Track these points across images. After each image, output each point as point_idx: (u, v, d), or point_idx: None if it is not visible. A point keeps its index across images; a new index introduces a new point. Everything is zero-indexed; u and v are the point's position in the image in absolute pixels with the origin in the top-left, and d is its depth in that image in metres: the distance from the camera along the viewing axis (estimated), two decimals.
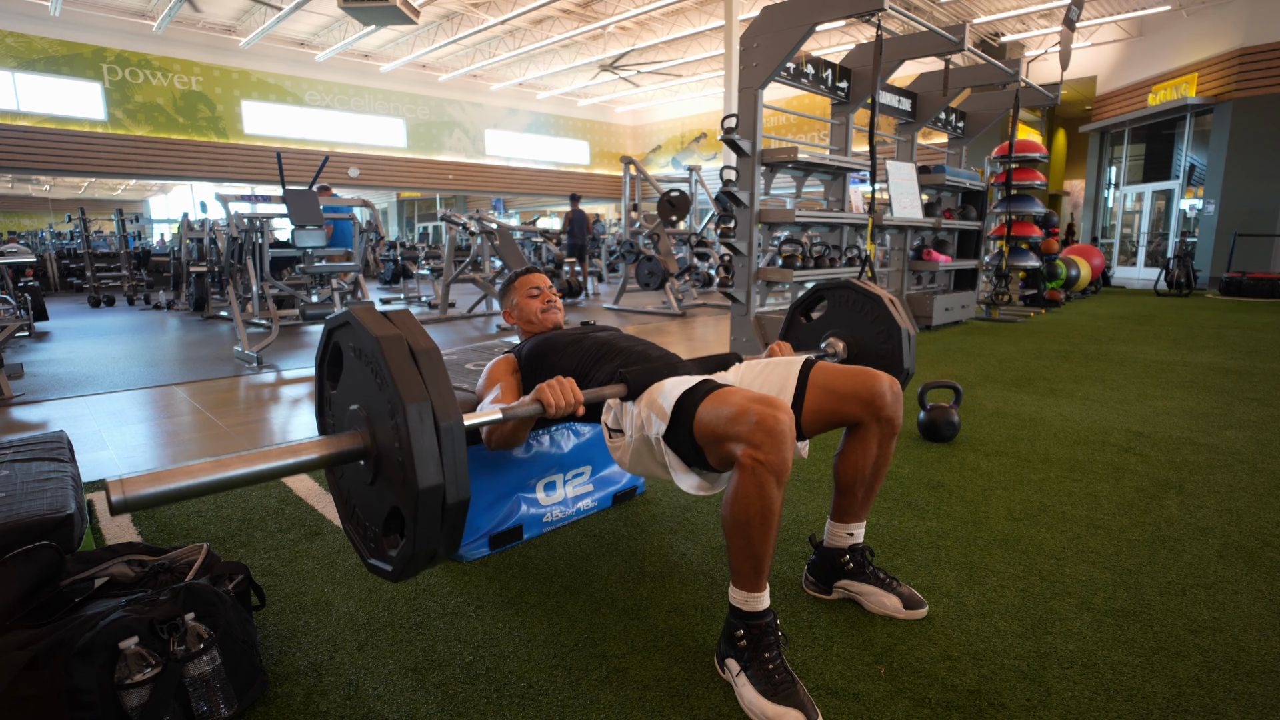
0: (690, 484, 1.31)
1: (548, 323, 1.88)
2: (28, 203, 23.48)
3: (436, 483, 0.93)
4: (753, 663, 1.21)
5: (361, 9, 8.37)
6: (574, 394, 1.27)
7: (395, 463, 0.97)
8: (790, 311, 2.06)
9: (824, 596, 1.57)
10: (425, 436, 0.92)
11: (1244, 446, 2.67)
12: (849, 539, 1.54)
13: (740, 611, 1.25)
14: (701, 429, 1.25)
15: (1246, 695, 1.24)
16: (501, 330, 6.22)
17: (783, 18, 4.14)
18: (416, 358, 0.97)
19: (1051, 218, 7.94)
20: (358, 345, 1.03)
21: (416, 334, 1.00)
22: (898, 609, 1.48)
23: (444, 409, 0.94)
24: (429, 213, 24.15)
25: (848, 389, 1.45)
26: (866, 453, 1.47)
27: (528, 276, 1.93)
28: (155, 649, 1.12)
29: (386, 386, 0.95)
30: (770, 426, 1.16)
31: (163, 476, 0.89)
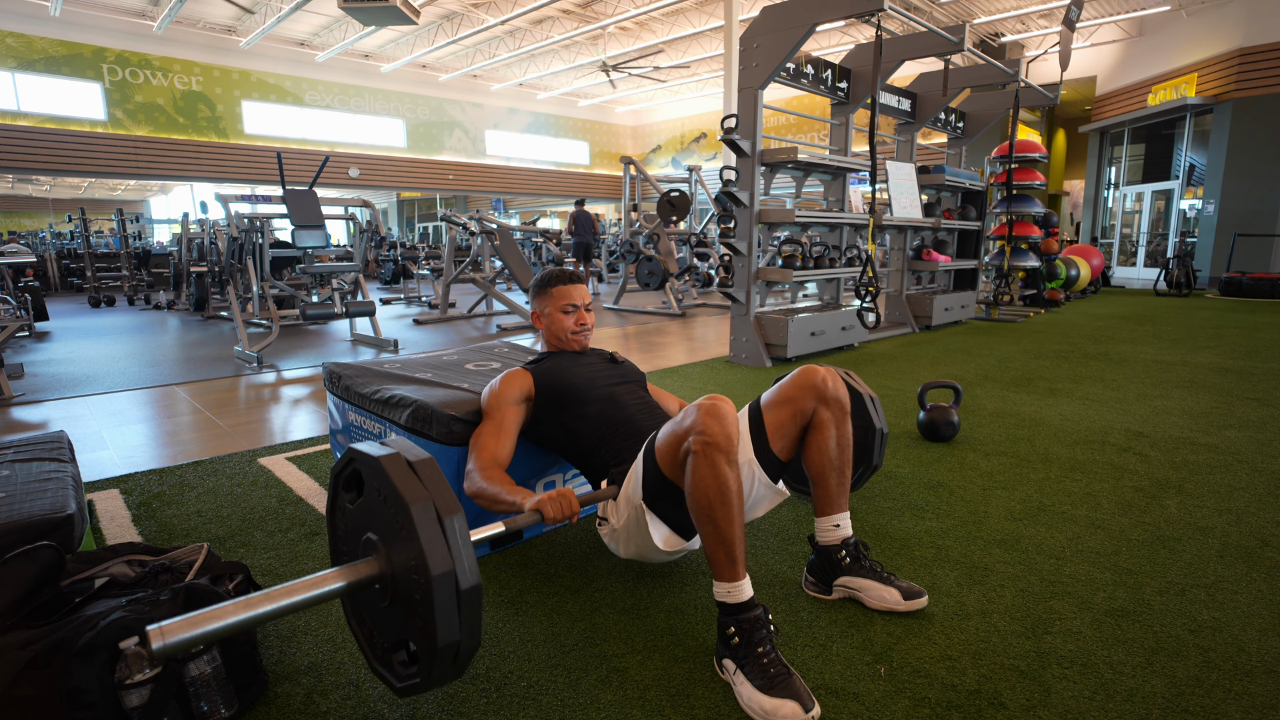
0: (661, 535, 1.40)
1: (575, 345, 1.86)
2: (28, 203, 23.49)
3: (454, 640, 1.02)
4: (747, 658, 1.23)
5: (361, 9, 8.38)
6: (572, 506, 1.35)
7: (413, 607, 1.04)
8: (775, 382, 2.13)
9: (825, 597, 1.57)
10: (448, 601, 1.01)
11: (1244, 446, 2.67)
12: (838, 531, 1.55)
13: (727, 606, 1.27)
14: (661, 452, 1.36)
15: (1246, 695, 1.24)
16: (502, 330, 6.22)
17: (783, 18, 4.14)
18: (443, 523, 1.04)
19: (1051, 218, 7.94)
20: (384, 491, 1.09)
21: (443, 495, 1.07)
22: (898, 601, 1.49)
23: (465, 574, 1.02)
24: (429, 213, 24.16)
25: (791, 389, 1.56)
26: (825, 436, 1.54)
27: (567, 289, 1.85)
28: None
29: (411, 545, 1.02)
30: (710, 409, 1.27)
31: (197, 621, 0.96)
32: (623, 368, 1.86)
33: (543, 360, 1.82)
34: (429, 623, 1.00)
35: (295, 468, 2.52)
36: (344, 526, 1.24)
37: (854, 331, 5.09)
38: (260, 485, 2.34)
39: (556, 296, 1.85)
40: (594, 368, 1.80)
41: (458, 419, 1.75)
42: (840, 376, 1.58)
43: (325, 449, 2.73)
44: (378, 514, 1.11)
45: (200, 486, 2.34)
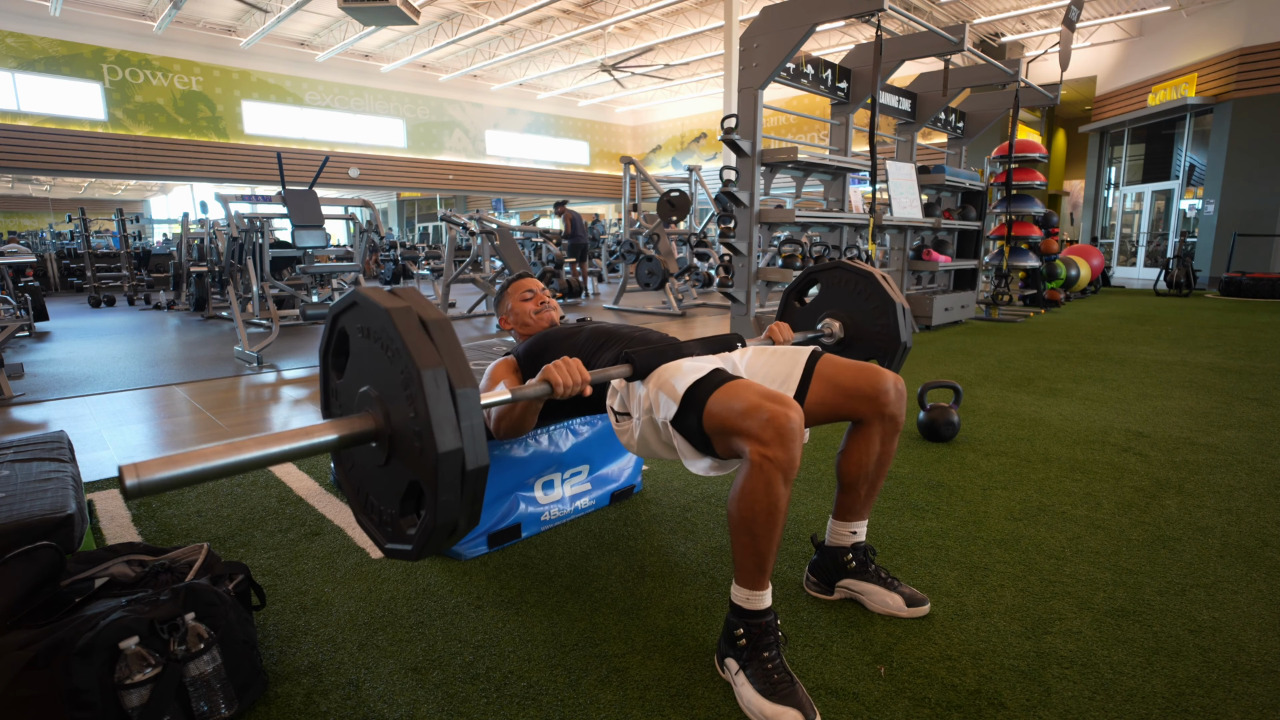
0: (701, 467, 1.32)
1: (543, 321, 1.89)
2: (28, 203, 23.48)
3: (455, 446, 0.92)
4: (751, 662, 1.21)
5: (361, 9, 8.38)
6: (581, 373, 1.27)
7: (411, 435, 0.96)
8: (785, 296, 2.05)
9: (826, 597, 1.57)
10: (442, 402, 0.92)
11: (1244, 446, 2.67)
12: (852, 537, 1.54)
13: (741, 610, 1.25)
14: (711, 420, 1.25)
15: (1246, 695, 1.24)
16: (501, 330, 6.22)
17: (783, 18, 4.14)
18: (428, 328, 0.97)
19: (1051, 218, 7.94)
20: (366, 325, 1.03)
21: (425, 306, 1.00)
22: (900, 607, 1.48)
23: (459, 376, 0.94)
24: (429, 213, 24.15)
25: (852, 385, 1.45)
26: (870, 450, 1.47)
27: (520, 281, 1.96)
28: (155, 649, 1.12)
29: (399, 358, 0.95)
30: (781, 425, 1.16)
31: (176, 460, 0.88)
32: (599, 323, 1.80)
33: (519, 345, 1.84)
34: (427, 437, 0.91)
35: (295, 468, 2.52)
36: (339, 406, 1.16)
37: None
38: (260, 485, 2.34)
39: (512, 292, 1.94)
40: (568, 325, 1.80)
41: None
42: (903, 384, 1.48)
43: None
44: (380, 367, 1.02)
45: (200, 486, 2.34)
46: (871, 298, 1.84)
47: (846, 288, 1.89)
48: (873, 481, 1.51)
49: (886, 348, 1.83)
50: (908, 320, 1.82)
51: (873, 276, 1.84)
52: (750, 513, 1.19)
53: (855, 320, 1.88)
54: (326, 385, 1.18)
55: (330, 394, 1.18)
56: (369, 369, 1.05)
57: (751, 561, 1.23)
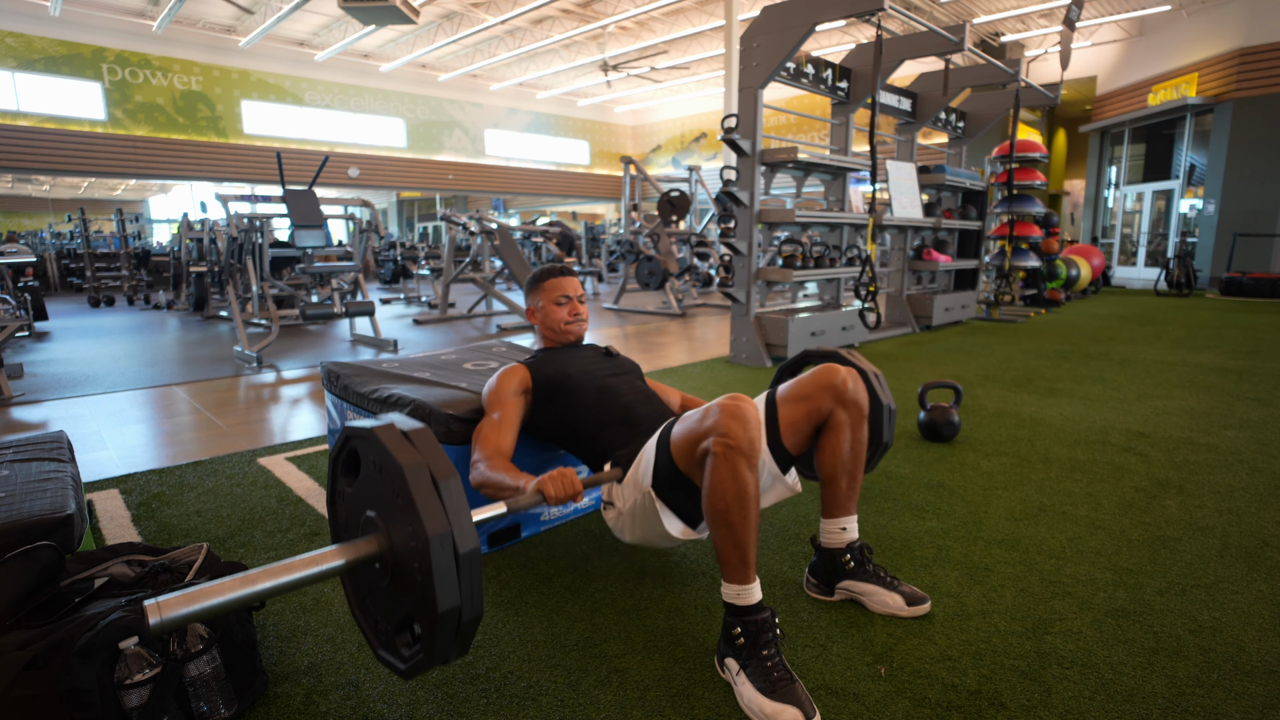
0: (676, 528, 1.39)
1: (570, 336, 1.87)
2: (28, 203, 23.47)
3: (454, 605, 0.99)
4: (751, 660, 1.22)
5: (361, 9, 8.37)
6: (574, 486, 1.33)
7: (413, 578, 1.01)
8: (777, 373, 2.13)
9: (826, 599, 1.56)
10: (445, 564, 0.98)
11: (1244, 446, 2.67)
12: (842, 534, 1.54)
13: (735, 607, 1.26)
14: (677, 446, 1.35)
15: (1246, 695, 1.24)
16: (501, 330, 6.22)
17: (783, 18, 4.14)
18: (438, 486, 1.02)
19: (1052, 217, 7.94)
20: (380, 462, 1.06)
21: (438, 460, 1.05)
22: (900, 607, 1.48)
23: (463, 537, 1.00)
24: (429, 213, 24.14)
25: (810, 387, 1.55)
26: (840, 440, 1.53)
27: (559, 280, 1.87)
28: (155, 649, 1.12)
29: (408, 511, 1.00)
30: (733, 411, 1.25)
31: (194, 597, 0.94)
32: (617, 360, 1.87)
33: (538, 355, 1.83)
34: (428, 590, 0.98)
35: (295, 468, 2.52)
36: (344, 511, 1.21)
37: (854, 331, 5.09)
38: (260, 485, 2.34)
39: (549, 289, 1.86)
40: (589, 360, 1.81)
41: (456, 418, 1.76)
42: (860, 378, 1.57)
43: (325, 449, 2.73)
44: (376, 489, 1.09)
45: (200, 486, 2.34)
46: None
47: None
48: (851, 473, 1.53)
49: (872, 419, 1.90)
50: (893, 421, 1.94)
51: (867, 375, 1.91)
52: (723, 503, 1.23)
53: None
54: (335, 489, 1.23)
55: (338, 498, 1.23)
56: (376, 496, 1.09)
57: (734, 554, 1.25)
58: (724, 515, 1.24)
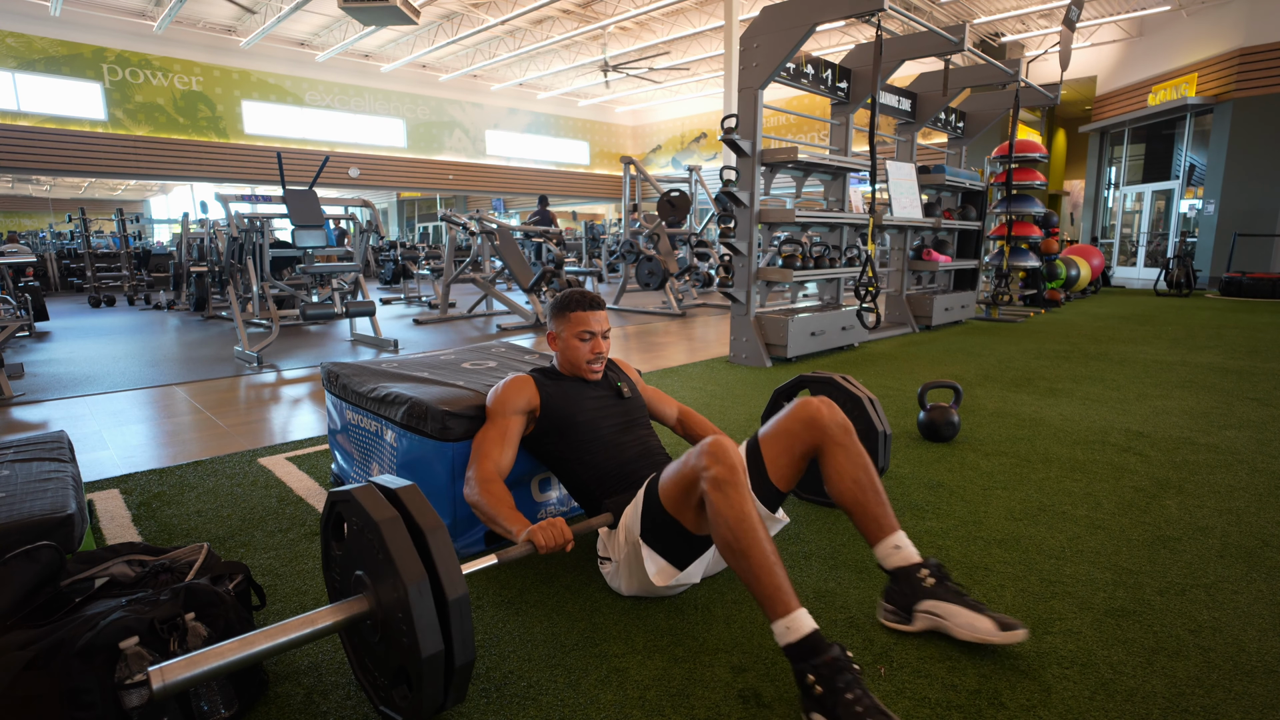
0: (654, 568, 1.43)
1: (588, 376, 1.79)
2: (28, 203, 23.48)
3: (438, 650, 1.02)
4: (837, 707, 1.09)
5: (361, 9, 8.37)
6: (564, 535, 1.38)
7: (399, 629, 1.05)
8: (774, 395, 2.15)
9: (905, 628, 1.42)
10: (425, 611, 1.01)
11: (1244, 446, 2.67)
12: (899, 553, 1.44)
13: (794, 649, 1.16)
14: (665, 490, 1.38)
15: (1246, 695, 1.24)
16: (501, 330, 6.22)
17: (783, 18, 4.14)
18: (424, 537, 1.07)
19: (1051, 218, 7.94)
20: (361, 523, 1.11)
21: (423, 512, 1.10)
22: (992, 632, 1.31)
23: (450, 583, 1.04)
24: (429, 213, 24.14)
25: (789, 424, 1.56)
26: (840, 460, 1.51)
27: (586, 315, 1.75)
28: (155, 649, 1.12)
29: (388, 565, 1.04)
30: (710, 449, 1.29)
31: (195, 661, 0.99)
32: (628, 404, 1.81)
33: (552, 379, 1.78)
34: (412, 638, 1.01)
35: (295, 468, 2.52)
36: (337, 574, 1.25)
37: (854, 331, 5.09)
38: (260, 485, 2.34)
39: (575, 322, 1.75)
40: (601, 402, 1.77)
41: (453, 414, 1.76)
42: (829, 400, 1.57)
43: (325, 449, 2.73)
44: (361, 550, 1.13)
45: (200, 486, 2.34)
46: (858, 420, 1.97)
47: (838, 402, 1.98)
48: (871, 488, 1.48)
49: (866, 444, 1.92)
50: (888, 447, 1.97)
51: (862, 401, 1.95)
52: (729, 532, 1.23)
53: None
54: (327, 554, 1.28)
55: (331, 562, 1.28)
56: (363, 555, 1.13)
57: (764, 582, 1.20)
58: (733, 544, 1.22)
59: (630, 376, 1.94)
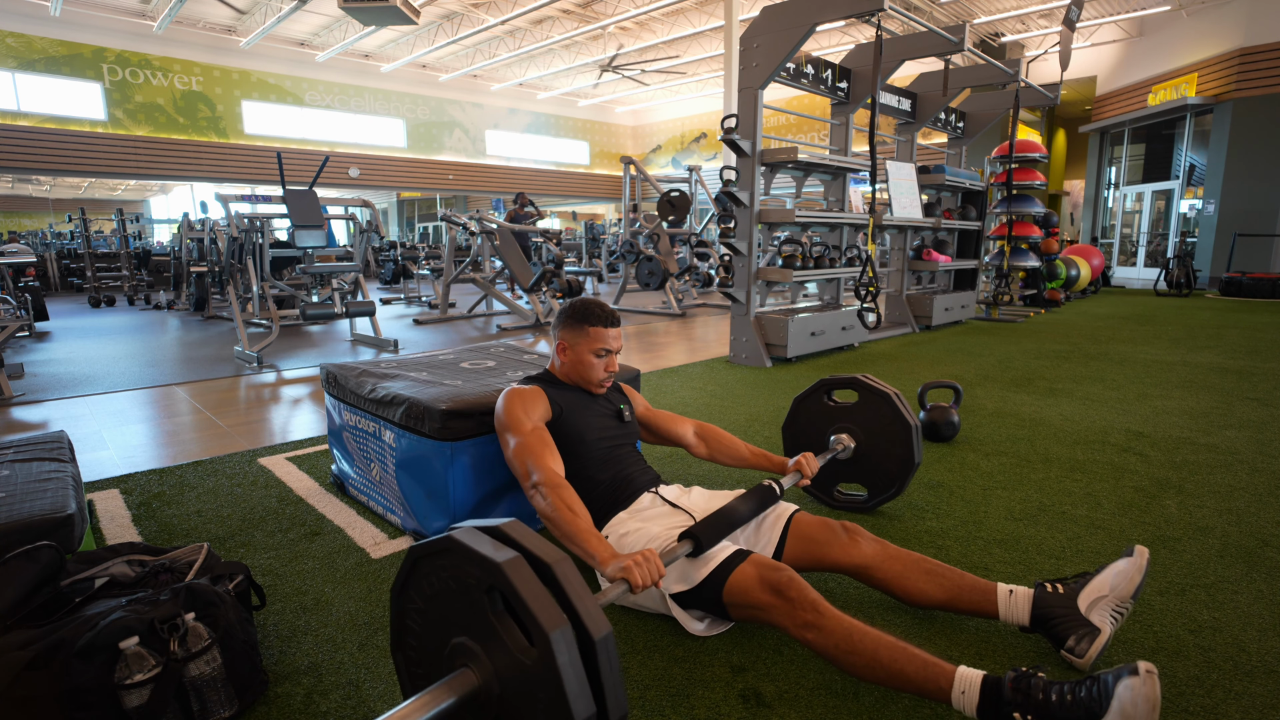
0: (699, 629, 1.41)
1: (596, 391, 1.73)
2: (28, 203, 23.47)
3: (591, 713, 0.82)
4: (1050, 713, 1.03)
5: (361, 9, 8.37)
6: (659, 570, 1.22)
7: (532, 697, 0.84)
8: (794, 403, 2.11)
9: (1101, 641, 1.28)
10: (573, 667, 0.81)
11: (1244, 446, 2.67)
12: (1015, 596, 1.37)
13: (980, 705, 1.08)
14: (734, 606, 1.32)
15: (1246, 695, 1.24)
16: (501, 330, 6.22)
17: (783, 18, 4.14)
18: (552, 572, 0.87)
19: (1051, 218, 7.94)
20: (462, 574, 0.90)
21: (538, 546, 0.90)
22: None
23: (593, 624, 0.85)
24: (429, 213, 24.14)
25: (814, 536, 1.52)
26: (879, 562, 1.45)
27: (604, 332, 1.66)
28: (156, 649, 1.12)
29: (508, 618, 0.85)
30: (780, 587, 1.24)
31: None
32: (627, 428, 1.77)
33: (556, 388, 1.70)
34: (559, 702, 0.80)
35: (295, 468, 2.52)
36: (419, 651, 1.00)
37: (854, 331, 5.09)
38: (260, 485, 2.34)
39: (592, 338, 1.66)
40: (605, 421, 1.71)
41: (452, 414, 1.75)
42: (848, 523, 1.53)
43: (325, 449, 2.73)
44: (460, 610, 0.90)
45: (200, 486, 2.34)
46: (886, 417, 1.93)
47: (862, 402, 1.98)
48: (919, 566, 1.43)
49: (898, 469, 1.93)
50: (920, 441, 1.91)
51: (889, 397, 1.91)
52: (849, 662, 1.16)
53: (869, 436, 1.97)
54: (403, 626, 1.03)
55: (407, 636, 1.03)
56: (463, 617, 0.91)
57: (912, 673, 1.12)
58: (862, 669, 1.15)
59: (633, 402, 1.90)
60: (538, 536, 0.93)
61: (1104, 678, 1.03)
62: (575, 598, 0.86)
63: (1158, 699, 0.99)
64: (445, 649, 0.93)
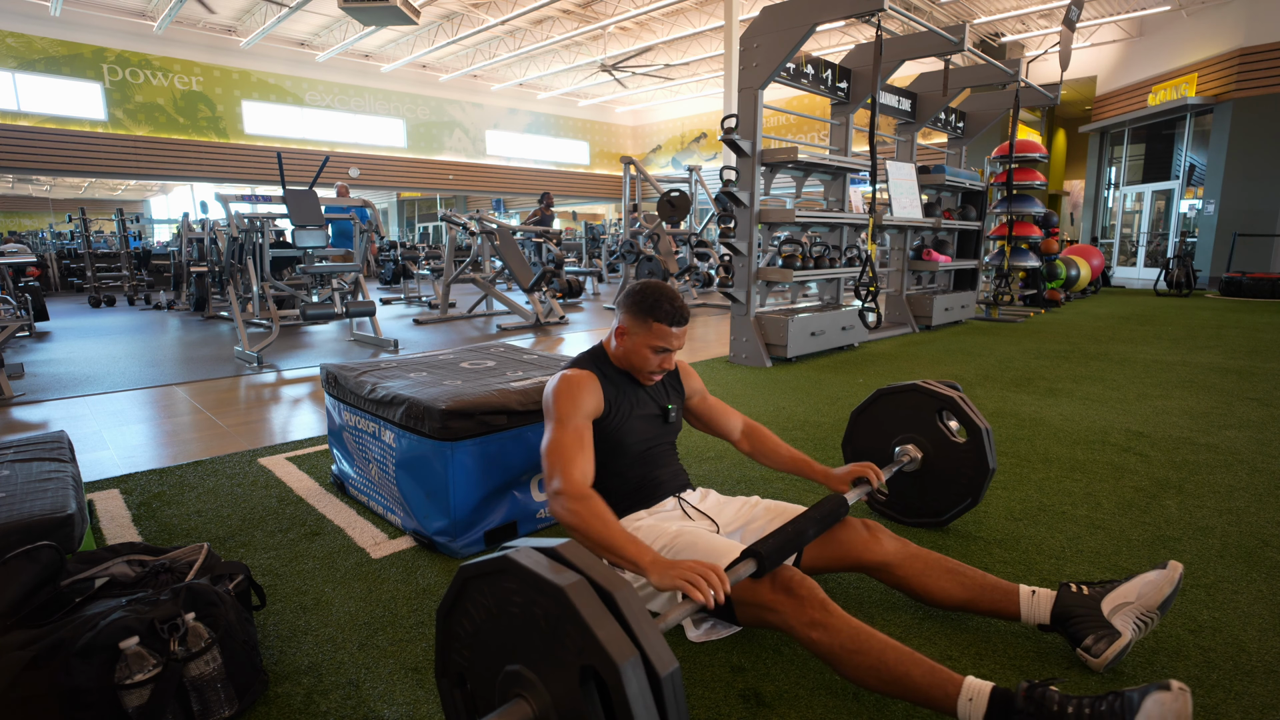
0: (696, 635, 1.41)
1: (646, 381, 1.62)
2: (28, 203, 23.47)
3: None
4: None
5: (362, 9, 8.37)
6: (725, 587, 1.14)
7: None
8: (854, 416, 1.99)
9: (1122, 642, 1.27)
10: (644, 701, 0.77)
11: (1244, 446, 2.67)
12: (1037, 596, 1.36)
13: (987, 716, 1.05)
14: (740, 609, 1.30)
15: (1246, 695, 1.24)
16: (502, 330, 6.22)
17: (783, 18, 4.14)
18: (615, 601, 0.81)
19: (1051, 218, 7.94)
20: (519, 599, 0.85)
21: (599, 571, 0.85)
22: None
23: (659, 658, 0.79)
24: (429, 213, 24.15)
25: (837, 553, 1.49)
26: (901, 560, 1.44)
27: (669, 331, 1.52)
28: (156, 649, 1.12)
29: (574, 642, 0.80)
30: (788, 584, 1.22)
31: None
32: (670, 427, 1.69)
33: (608, 379, 1.58)
34: None
35: (295, 468, 2.52)
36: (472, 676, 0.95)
37: (854, 331, 5.09)
38: (260, 485, 2.34)
39: (656, 334, 1.52)
40: (649, 423, 1.63)
41: (452, 414, 1.75)
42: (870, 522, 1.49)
43: (325, 449, 2.73)
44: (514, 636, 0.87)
45: (200, 486, 2.34)
46: (928, 406, 1.82)
47: (924, 410, 1.85)
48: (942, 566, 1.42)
49: (972, 476, 1.79)
50: (973, 407, 1.78)
51: (954, 400, 1.78)
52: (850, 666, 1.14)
53: (935, 445, 1.84)
54: (448, 650, 0.98)
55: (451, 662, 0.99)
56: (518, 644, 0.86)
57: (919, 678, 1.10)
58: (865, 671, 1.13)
59: (688, 387, 1.78)
60: (596, 559, 0.87)
61: (1128, 693, 0.99)
62: (639, 629, 0.80)
63: (1189, 716, 0.94)
64: (498, 676, 0.88)
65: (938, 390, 1.81)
